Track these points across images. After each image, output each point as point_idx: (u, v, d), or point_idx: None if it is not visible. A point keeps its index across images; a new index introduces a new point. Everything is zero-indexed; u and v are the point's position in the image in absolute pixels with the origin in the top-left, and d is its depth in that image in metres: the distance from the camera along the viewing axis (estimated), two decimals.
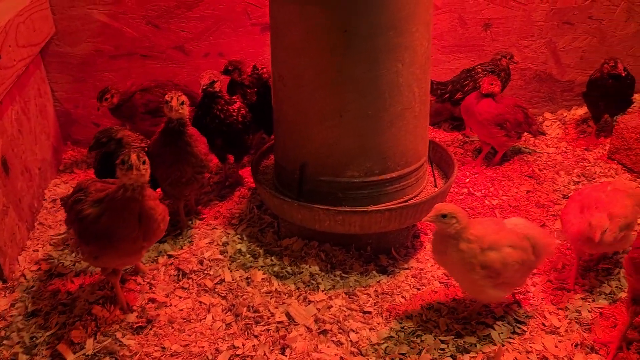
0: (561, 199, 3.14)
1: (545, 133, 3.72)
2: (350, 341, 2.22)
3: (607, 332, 2.24)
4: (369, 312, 2.37)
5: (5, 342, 2.23)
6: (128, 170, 2.01)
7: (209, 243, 2.81)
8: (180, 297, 2.47)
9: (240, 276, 2.57)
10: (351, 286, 2.50)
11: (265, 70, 3.20)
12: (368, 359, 2.15)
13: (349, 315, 2.35)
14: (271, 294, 2.46)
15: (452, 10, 3.74)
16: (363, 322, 2.31)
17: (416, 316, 2.34)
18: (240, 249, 2.75)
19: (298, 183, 2.57)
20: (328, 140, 2.45)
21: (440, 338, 2.24)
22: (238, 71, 3.29)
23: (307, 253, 2.69)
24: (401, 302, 2.42)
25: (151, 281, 2.55)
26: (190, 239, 2.83)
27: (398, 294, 2.46)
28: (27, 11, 2.98)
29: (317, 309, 2.37)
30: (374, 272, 2.58)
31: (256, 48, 3.62)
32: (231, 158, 3.27)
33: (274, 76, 2.60)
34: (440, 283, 2.53)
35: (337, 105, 2.37)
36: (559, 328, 2.27)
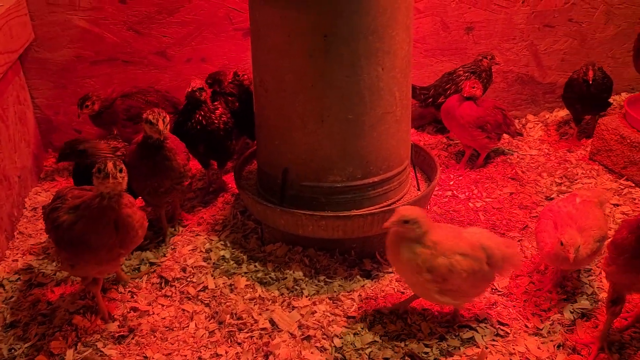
0: (544, 201, 3.16)
1: (522, 134, 3.75)
2: (334, 346, 2.22)
3: (589, 333, 2.26)
4: (353, 317, 2.36)
5: None
6: (104, 178, 1.99)
7: (192, 250, 2.78)
8: (162, 306, 2.44)
9: (223, 283, 2.55)
10: (335, 291, 2.50)
11: (246, 76, 3.19)
12: None
13: (333, 320, 2.34)
14: (255, 301, 2.45)
15: (435, 13, 3.76)
16: (347, 327, 2.31)
17: (400, 320, 2.34)
18: (223, 256, 2.73)
19: (281, 188, 2.56)
20: (310, 145, 2.44)
21: (424, 342, 2.24)
22: (218, 83, 3.28)
23: (291, 258, 2.68)
24: (385, 307, 2.41)
25: (133, 290, 2.52)
26: (173, 246, 2.80)
27: (382, 298, 2.46)
28: (4, 17, 2.94)
29: (301, 315, 2.36)
30: (358, 277, 2.57)
31: (238, 53, 3.61)
32: (214, 164, 3.25)
33: (255, 81, 2.59)
34: None
35: (318, 109, 2.37)
36: (542, 329, 2.28)
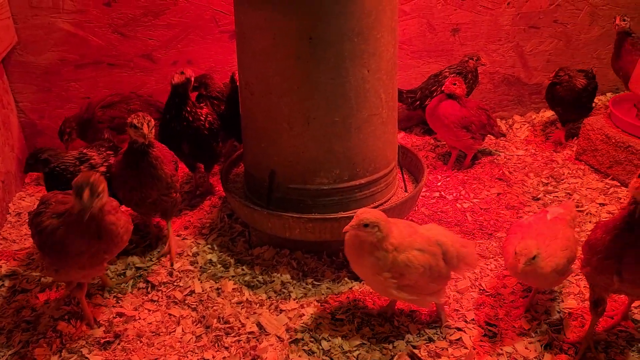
0: (531, 201, 3.18)
1: (505, 134, 3.77)
2: (322, 349, 2.20)
3: (576, 333, 2.27)
4: (341, 320, 2.35)
5: None
6: (79, 198, 1.93)
7: (179, 254, 2.76)
8: (149, 310, 2.42)
9: (210, 287, 2.54)
10: (323, 294, 2.49)
11: None
12: None
13: (321, 323, 2.33)
14: (242, 304, 2.43)
15: (421, 15, 3.77)
16: (335, 330, 2.30)
17: (388, 322, 2.34)
18: (210, 259, 2.71)
19: (267, 191, 2.55)
20: (296, 147, 2.44)
21: (412, 344, 2.23)
22: (204, 86, 3.26)
23: (279, 261, 2.67)
24: (373, 309, 2.41)
25: (118, 295, 2.49)
26: (159, 251, 2.78)
27: (370, 301, 2.45)
28: None
29: (289, 318, 2.35)
30: (346, 279, 2.57)
31: (225, 55, 3.59)
32: (202, 167, 3.23)
33: (241, 84, 2.58)
34: None
35: (304, 112, 2.36)
36: (529, 330, 2.29)
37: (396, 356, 2.16)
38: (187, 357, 2.18)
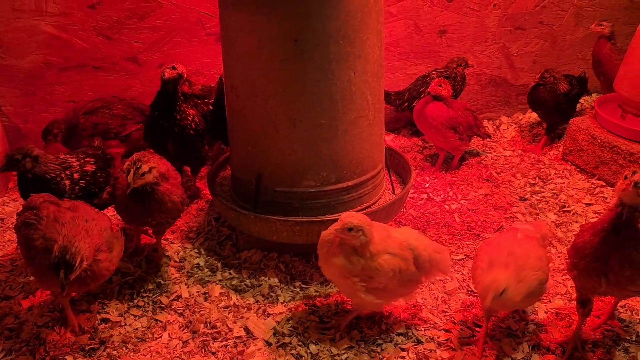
0: (518, 201, 3.19)
1: (490, 135, 3.78)
2: (310, 353, 2.19)
3: (563, 333, 2.27)
4: (329, 323, 2.34)
5: None
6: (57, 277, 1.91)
7: (165, 257, 2.73)
8: (135, 316, 2.39)
9: (197, 291, 2.51)
10: (311, 297, 2.48)
11: None
12: None
13: (309, 326, 2.32)
14: (229, 309, 2.41)
15: (407, 17, 3.77)
16: (323, 333, 2.29)
17: (376, 324, 2.33)
18: (198, 264, 2.69)
19: (254, 194, 2.53)
20: (282, 150, 2.42)
21: (400, 346, 2.23)
22: (188, 83, 3.23)
23: (266, 265, 2.66)
24: (362, 311, 2.40)
25: (104, 300, 2.46)
26: (146, 255, 2.75)
27: None
28: None
29: (277, 322, 2.33)
30: None
31: (211, 58, 3.57)
32: (188, 170, 3.20)
33: (227, 86, 2.56)
34: None
35: (290, 114, 2.35)
36: (516, 330, 2.29)
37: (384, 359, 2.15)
38: None
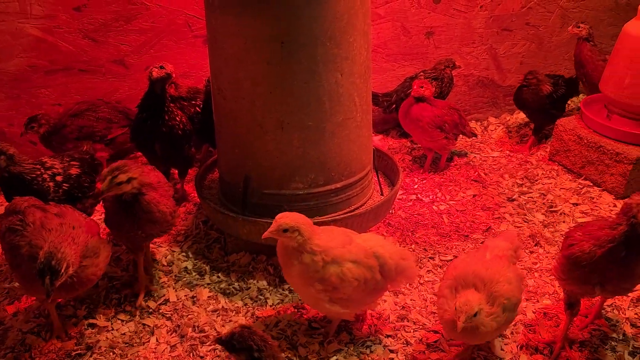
0: (506, 202, 3.20)
1: (476, 134, 3.78)
2: (298, 356, 2.19)
3: (551, 332, 2.28)
4: (319, 326, 2.33)
5: None
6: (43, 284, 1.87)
7: (153, 262, 2.71)
8: (122, 321, 2.37)
9: (185, 295, 2.50)
10: (300, 299, 2.47)
11: None
12: None
13: (298, 329, 2.31)
14: (218, 312, 2.40)
15: (395, 19, 3.78)
16: (312, 336, 2.28)
17: (365, 327, 2.33)
18: (186, 267, 2.67)
19: (242, 197, 2.52)
20: (270, 152, 2.42)
21: (389, 348, 2.23)
22: (174, 85, 3.22)
23: (255, 268, 2.65)
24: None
25: (90, 305, 2.44)
26: (133, 259, 2.73)
27: None
28: None
29: (265, 325, 2.33)
30: None
31: (198, 60, 3.55)
32: (176, 173, 3.18)
33: (214, 89, 2.55)
34: (389, 292, 2.52)
35: (277, 116, 2.35)
36: (505, 331, 2.30)
37: None
38: None
